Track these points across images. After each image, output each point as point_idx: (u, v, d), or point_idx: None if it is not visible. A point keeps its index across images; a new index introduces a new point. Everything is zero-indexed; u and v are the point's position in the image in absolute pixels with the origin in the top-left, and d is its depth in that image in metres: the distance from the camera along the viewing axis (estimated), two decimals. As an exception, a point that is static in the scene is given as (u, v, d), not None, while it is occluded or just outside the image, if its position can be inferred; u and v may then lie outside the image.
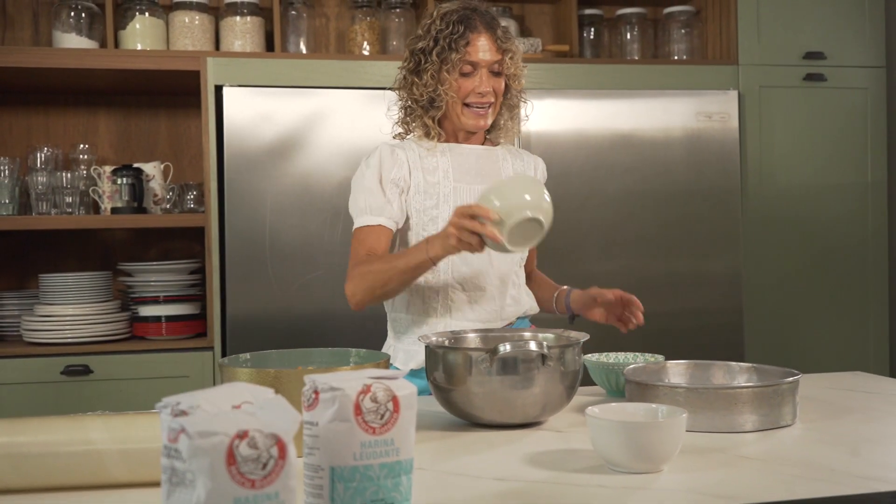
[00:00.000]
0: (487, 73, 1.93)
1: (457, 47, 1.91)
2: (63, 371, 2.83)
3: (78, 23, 3.07)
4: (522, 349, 1.56)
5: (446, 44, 1.92)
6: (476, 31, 1.92)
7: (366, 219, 1.93)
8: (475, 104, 1.94)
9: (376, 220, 1.92)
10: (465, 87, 1.93)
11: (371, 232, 1.92)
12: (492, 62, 1.93)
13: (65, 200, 3.02)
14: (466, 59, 1.92)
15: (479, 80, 1.93)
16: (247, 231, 2.91)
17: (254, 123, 2.92)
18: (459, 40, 1.91)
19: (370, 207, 1.93)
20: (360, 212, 1.95)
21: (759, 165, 3.31)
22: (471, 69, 1.93)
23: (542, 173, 2.13)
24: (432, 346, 1.63)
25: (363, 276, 1.84)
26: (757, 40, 3.33)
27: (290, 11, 3.24)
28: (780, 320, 3.33)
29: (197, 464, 0.82)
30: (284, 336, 2.91)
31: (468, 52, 1.91)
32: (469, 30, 1.92)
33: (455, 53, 1.91)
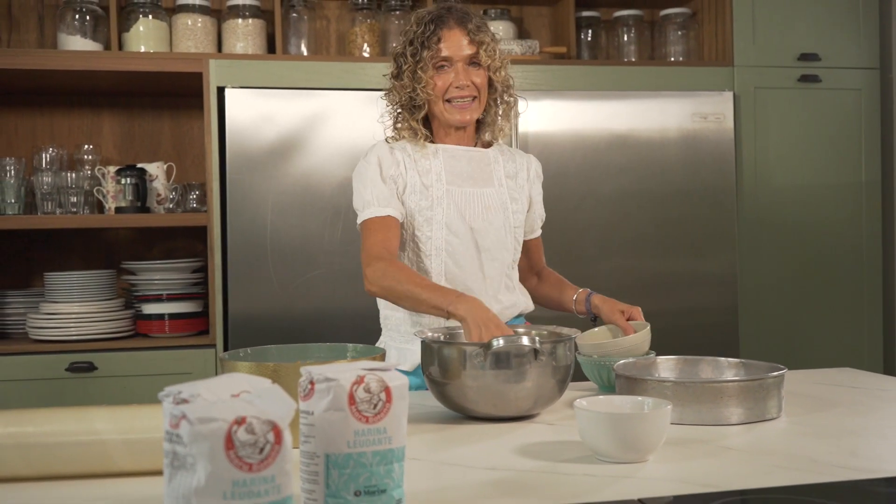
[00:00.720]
0: (464, 66, 1.98)
1: (429, 45, 1.96)
2: (68, 368, 2.87)
3: (82, 25, 3.12)
4: (515, 344, 1.61)
5: (419, 43, 1.98)
6: (447, 27, 1.97)
7: (374, 210, 1.96)
8: (456, 98, 1.98)
9: (385, 210, 1.95)
10: (442, 82, 1.98)
11: (381, 223, 1.95)
12: (466, 56, 1.97)
13: (69, 200, 3.07)
14: (439, 56, 1.97)
15: (455, 74, 1.97)
16: (248, 230, 2.96)
17: (255, 124, 2.97)
18: (431, 38, 1.97)
19: (377, 199, 1.96)
20: (366, 204, 1.97)
21: (754, 166, 3.35)
22: (446, 64, 1.97)
23: (535, 172, 2.16)
24: (428, 341, 1.68)
25: (385, 274, 1.85)
26: (752, 42, 3.37)
27: (291, 14, 3.29)
28: (775, 320, 3.37)
29: (197, 448, 0.86)
30: (285, 333, 2.95)
31: (440, 48, 1.97)
32: (440, 27, 1.97)
33: (427, 51, 1.96)
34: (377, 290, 1.88)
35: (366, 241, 1.94)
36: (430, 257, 1.98)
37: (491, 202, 2.03)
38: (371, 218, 1.96)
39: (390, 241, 1.93)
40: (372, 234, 1.94)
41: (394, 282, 1.84)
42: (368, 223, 1.96)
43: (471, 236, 1.99)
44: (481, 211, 2.01)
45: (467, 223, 1.99)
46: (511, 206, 2.05)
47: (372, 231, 1.94)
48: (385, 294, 1.87)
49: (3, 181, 3.02)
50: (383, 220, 1.95)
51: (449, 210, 1.99)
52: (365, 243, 1.94)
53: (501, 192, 2.05)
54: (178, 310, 3.05)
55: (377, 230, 1.93)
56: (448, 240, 1.98)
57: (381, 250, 1.90)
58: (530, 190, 2.13)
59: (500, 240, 2.01)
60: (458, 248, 1.98)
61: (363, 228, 1.97)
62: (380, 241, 1.92)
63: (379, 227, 1.94)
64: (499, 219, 2.02)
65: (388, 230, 1.94)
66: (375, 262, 1.88)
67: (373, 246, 1.91)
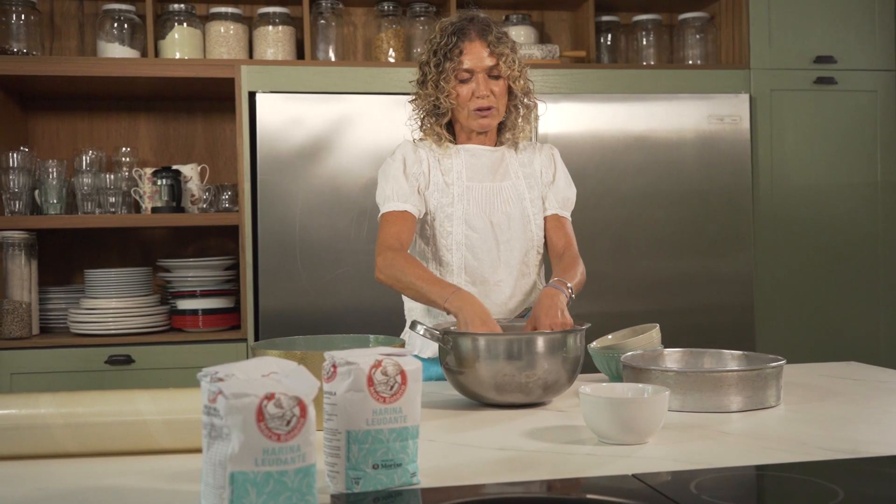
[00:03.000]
0: (484, 77, 2.08)
1: (451, 56, 2.07)
2: (107, 360, 3.01)
3: (121, 33, 3.26)
4: (527, 334, 1.71)
5: (442, 55, 2.08)
6: (468, 40, 2.07)
7: (392, 204, 2.08)
8: (478, 108, 2.08)
9: (402, 206, 2.07)
10: (464, 92, 2.08)
11: (398, 217, 2.06)
12: (486, 67, 2.07)
13: (108, 200, 3.21)
14: (461, 67, 2.07)
15: (476, 84, 2.07)
16: (278, 229, 3.08)
17: (285, 127, 3.09)
18: (453, 50, 2.07)
19: (396, 194, 2.08)
20: (386, 198, 2.09)
21: (770, 167, 3.42)
22: (468, 75, 2.08)
23: (546, 155, 2.22)
24: (445, 333, 1.78)
25: (393, 264, 1.97)
26: (768, 45, 3.44)
27: (319, 20, 3.41)
28: (791, 318, 3.43)
29: (232, 420, 0.98)
30: (313, 328, 3.06)
31: (462, 60, 2.07)
32: (461, 39, 2.07)
33: (450, 62, 2.07)
34: (384, 277, 2.00)
35: (381, 233, 2.06)
36: (451, 251, 2.09)
37: (509, 195, 2.13)
38: (389, 212, 2.07)
39: (404, 234, 2.04)
40: (388, 226, 2.06)
41: (399, 272, 1.96)
42: (386, 216, 2.08)
43: (490, 230, 2.09)
44: (500, 204, 2.12)
45: (487, 217, 2.10)
46: (528, 195, 2.15)
47: (388, 223, 2.06)
48: (391, 282, 1.99)
49: (46, 182, 3.16)
50: (400, 214, 2.06)
51: (469, 206, 2.09)
52: (380, 234, 2.06)
53: (518, 183, 2.15)
54: (211, 305, 3.18)
55: (393, 223, 2.05)
56: (467, 234, 2.09)
57: (394, 241, 2.02)
58: (544, 173, 2.20)
59: (518, 230, 2.11)
60: (477, 243, 2.09)
61: (381, 221, 2.09)
62: (394, 234, 2.03)
63: (395, 221, 2.05)
64: (516, 210, 2.12)
65: (403, 224, 2.05)
66: (386, 252, 2.00)
67: (387, 237, 2.03)
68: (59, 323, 3.26)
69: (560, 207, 2.19)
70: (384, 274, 1.99)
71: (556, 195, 2.20)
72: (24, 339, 3.04)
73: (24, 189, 3.15)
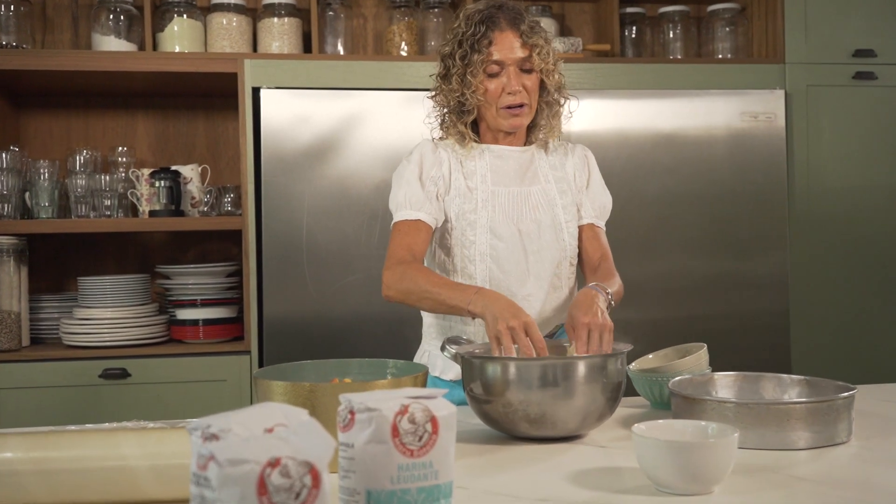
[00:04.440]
0: (516, 70, 1.88)
1: (479, 48, 1.86)
2: (101, 374, 2.83)
3: (116, 25, 3.07)
4: (563, 359, 1.52)
5: (469, 46, 1.87)
6: (498, 29, 1.87)
7: (405, 213, 1.89)
8: (508, 105, 1.88)
9: (416, 214, 1.88)
10: (494, 88, 1.88)
11: (410, 226, 1.88)
12: (518, 59, 1.87)
13: (103, 203, 3.02)
14: (490, 59, 1.86)
15: (506, 79, 1.87)
16: (284, 234, 2.89)
17: (291, 125, 2.90)
18: (482, 40, 1.86)
19: (409, 202, 1.89)
20: (399, 206, 1.91)
21: (807, 166, 3.22)
22: (497, 69, 1.87)
23: (580, 157, 2.02)
24: (468, 357, 1.59)
25: (403, 277, 1.79)
26: (804, 38, 3.24)
27: (327, 12, 3.21)
28: (829, 325, 3.24)
29: (227, 493, 0.78)
30: (321, 340, 2.89)
31: (491, 51, 1.86)
32: (491, 28, 1.87)
33: (477, 54, 1.86)
34: (394, 293, 1.81)
35: (391, 244, 1.88)
36: (475, 262, 1.90)
37: (538, 200, 1.93)
38: (401, 221, 1.89)
39: (416, 245, 1.85)
40: (398, 237, 1.87)
41: (411, 283, 1.77)
42: (398, 226, 1.89)
43: (518, 239, 1.90)
44: (528, 211, 1.92)
45: (514, 225, 1.90)
46: (560, 201, 1.95)
47: (400, 234, 1.87)
48: (403, 297, 1.80)
49: (37, 184, 2.97)
50: (413, 223, 1.87)
51: (494, 213, 1.90)
52: (390, 246, 1.88)
53: (548, 188, 1.96)
54: (213, 315, 2.99)
55: (405, 233, 1.86)
56: (492, 244, 1.89)
57: (404, 254, 1.83)
58: (577, 177, 2.01)
59: (549, 239, 1.92)
60: (503, 253, 1.89)
61: (392, 230, 1.91)
62: (405, 245, 1.84)
63: (407, 231, 1.87)
64: (547, 217, 1.92)
65: (416, 234, 1.86)
66: (395, 266, 1.82)
67: (396, 249, 1.85)
68: (52, 333, 3.07)
69: (596, 216, 1.99)
70: (393, 290, 1.80)
71: (592, 202, 2.00)
72: (13, 352, 2.85)
73: (14, 191, 2.95)
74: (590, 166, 2.03)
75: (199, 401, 2.88)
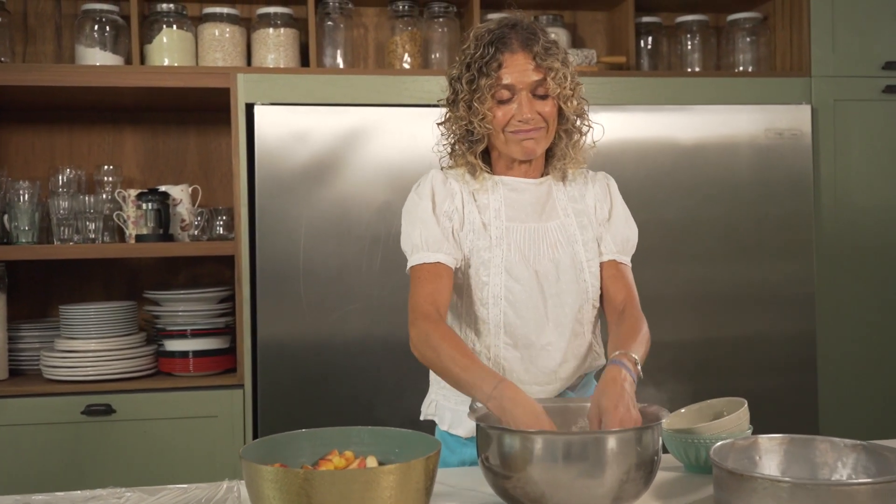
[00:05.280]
0: (528, 96, 1.69)
1: (487, 72, 1.67)
2: (84, 411, 2.64)
3: (102, 36, 2.89)
4: (593, 433, 1.34)
5: (476, 69, 1.68)
6: (509, 51, 1.68)
7: (423, 255, 1.71)
8: (520, 129, 1.69)
9: (434, 256, 1.70)
10: (503, 115, 1.69)
11: (430, 271, 1.69)
12: (531, 84, 1.68)
13: (87, 226, 2.84)
14: (500, 84, 1.67)
15: (517, 105, 1.68)
16: (279, 260, 2.71)
17: (287, 144, 2.72)
18: (490, 63, 1.67)
19: (427, 242, 1.71)
20: (415, 247, 1.72)
21: (834, 185, 3.04)
22: (508, 94, 1.68)
23: (601, 187, 1.84)
24: (484, 427, 1.40)
25: (428, 341, 1.61)
26: (831, 49, 3.06)
27: (326, 22, 3.03)
28: (857, 349, 3.06)
29: None
30: (319, 374, 2.71)
31: (500, 75, 1.67)
32: (501, 50, 1.68)
33: (485, 79, 1.67)
34: (419, 355, 1.65)
35: (413, 293, 1.69)
36: (487, 305, 1.71)
37: (556, 237, 1.75)
38: (419, 265, 1.70)
39: (440, 294, 1.67)
40: (420, 284, 1.68)
41: (433, 354, 1.60)
42: (417, 271, 1.70)
43: (535, 281, 1.71)
44: (546, 249, 1.73)
45: (531, 266, 1.71)
46: (580, 237, 1.76)
47: (420, 281, 1.68)
48: (426, 363, 1.65)
49: (17, 206, 2.79)
50: (433, 267, 1.69)
51: (509, 252, 1.71)
52: (412, 295, 1.69)
53: (568, 222, 1.77)
54: (204, 346, 2.81)
55: (426, 280, 1.68)
56: (508, 286, 1.70)
57: (429, 307, 1.65)
58: (598, 209, 1.82)
59: (569, 281, 1.73)
60: (520, 296, 1.70)
61: (411, 275, 1.72)
62: (428, 295, 1.66)
63: (428, 277, 1.68)
64: (566, 256, 1.74)
65: (437, 280, 1.68)
66: (421, 323, 1.64)
67: (420, 301, 1.66)
68: (33, 365, 2.88)
69: (619, 251, 1.80)
70: (419, 352, 1.64)
71: (615, 237, 1.80)
72: (-11, 387, 2.67)
73: (-8, 214, 2.78)
74: (612, 196, 1.84)
75: (189, 438, 2.70)
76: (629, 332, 1.66)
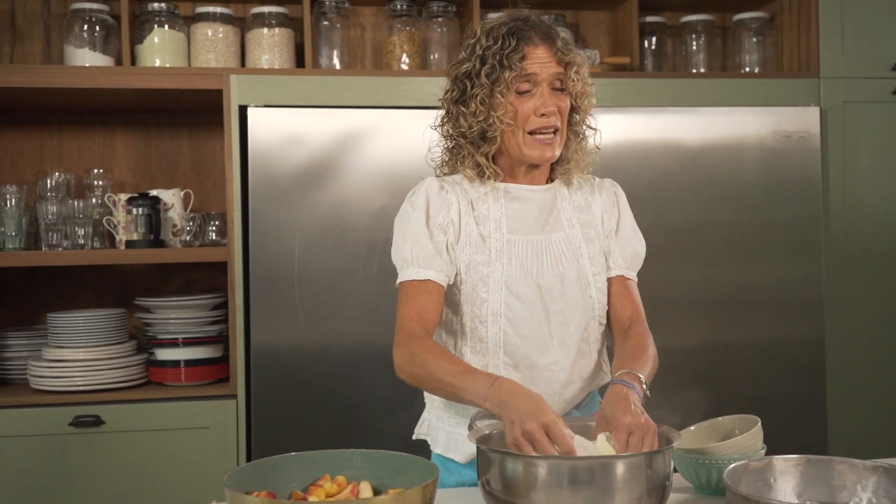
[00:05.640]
0: (549, 89, 1.62)
1: (510, 63, 1.59)
2: (72, 422, 2.57)
3: (91, 37, 2.81)
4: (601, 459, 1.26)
5: (497, 61, 1.60)
6: (531, 44, 1.61)
7: (412, 271, 1.63)
8: (540, 130, 1.62)
9: (425, 273, 1.62)
10: (524, 108, 1.61)
11: (419, 289, 1.62)
12: (553, 76, 1.61)
13: (76, 232, 2.76)
14: (523, 74, 1.60)
15: (539, 98, 1.61)
16: (273, 267, 2.63)
17: (282, 147, 2.64)
18: (513, 55, 1.59)
19: (417, 258, 1.63)
20: (405, 262, 1.64)
21: (843, 189, 2.96)
22: (529, 86, 1.61)
23: (608, 196, 1.76)
24: (486, 450, 1.33)
25: (413, 358, 1.54)
26: (840, 50, 2.98)
27: (322, 22, 2.95)
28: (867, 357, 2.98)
29: None
30: (314, 383, 2.64)
31: (524, 66, 1.60)
32: (523, 42, 1.60)
33: (509, 71, 1.59)
34: (406, 377, 1.57)
35: (400, 311, 1.61)
36: (486, 324, 1.63)
37: (561, 250, 1.66)
38: (408, 282, 1.62)
39: (428, 313, 1.59)
40: (408, 302, 1.61)
41: (420, 369, 1.52)
42: (405, 288, 1.63)
43: (538, 297, 1.63)
44: (550, 263, 1.65)
45: (534, 281, 1.63)
46: (586, 251, 1.68)
47: (408, 299, 1.61)
48: (416, 382, 1.56)
49: (4, 211, 2.71)
50: (422, 285, 1.61)
51: (510, 266, 1.63)
52: (398, 315, 1.61)
53: (573, 234, 1.69)
54: (196, 356, 2.74)
55: (414, 298, 1.60)
56: (508, 303, 1.62)
57: (415, 326, 1.57)
58: (605, 220, 1.74)
59: (574, 297, 1.65)
60: (521, 314, 1.62)
61: (399, 292, 1.64)
62: (415, 314, 1.58)
63: (416, 295, 1.61)
64: (572, 270, 1.66)
65: (425, 298, 1.60)
66: (405, 343, 1.56)
67: (406, 319, 1.59)
68: (20, 374, 2.80)
69: (626, 267, 1.72)
70: (404, 373, 1.56)
71: (623, 251, 1.73)
72: (-25, 397, 2.59)
73: (-22, 219, 2.70)
74: (620, 206, 1.76)
75: (181, 451, 2.62)
76: (635, 351, 1.58)
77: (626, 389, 1.45)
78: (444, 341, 1.68)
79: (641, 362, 1.55)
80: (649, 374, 1.54)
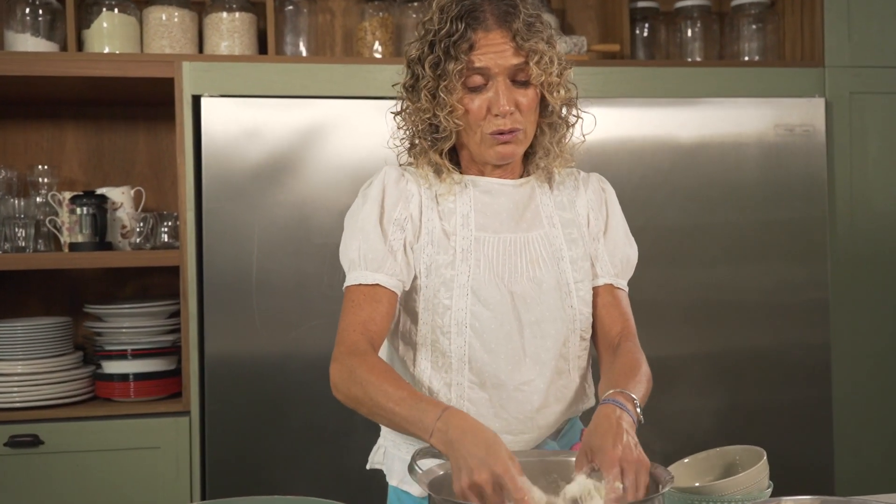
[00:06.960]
0: (506, 83, 1.39)
1: (456, 54, 1.37)
2: (7, 443, 2.35)
3: (35, 21, 2.59)
4: None
5: (443, 50, 1.38)
6: (482, 28, 1.38)
7: (360, 275, 1.42)
8: (496, 132, 1.40)
9: (373, 277, 1.41)
10: (476, 107, 1.39)
11: (366, 295, 1.41)
12: (509, 68, 1.38)
13: (16, 234, 2.53)
14: (472, 68, 1.37)
15: (493, 94, 1.38)
16: (230, 270, 2.42)
17: (238, 141, 2.43)
18: (459, 44, 1.37)
19: (365, 259, 1.42)
20: (352, 264, 1.44)
21: (850, 185, 2.78)
22: (481, 80, 1.39)
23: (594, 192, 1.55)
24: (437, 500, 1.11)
25: (352, 377, 1.33)
26: (847, 38, 2.79)
27: (286, 6, 2.73)
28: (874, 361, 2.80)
29: None
30: (274, 399, 2.44)
31: (472, 58, 1.37)
32: (472, 27, 1.37)
33: (454, 62, 1.37)
34: (342, 398, 1.36)
35: (342, 321, 1.41)
36: (449, 335, 1.41)
37: (539, 252, 1.45)
38: (354, 286, 1.41)
39: (375, 324, 1.38)
40: (352, 310, 1.39)
41: (360, 391, 1.31)
42: (350, 293, 1.42)
43: (510, 305, 1.41)
44: (525, 267, 1.43)
45: (505, 286, 1.41)
46: (568, 254, 1.46)
47: (353, 306, 1.40)
48: (353, 405, 1.34)
49: (-64, 211, 2.49)
50: (370, 290, 1.40)
51: (477, 269, 1.41)
52: (341, 323, 1.41)
53: (553, 234, 1.47)
54: (146, 368, 2.52)
55: (360, 306, 1.39)
56: (475, 311, 1.40)
57: (358, 339, 1.36)
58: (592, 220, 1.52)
59: (552, 306, 1.43)
60: (490, 324, 1.40)
61: (344, 297, 1.43)
62: (359, 325, 1.37)
63: (362, 302, 1.40)
64: (551, 275, 1.44)
65: (372, 307, 1.39)
66: (345, 358, 1.35)
67: (349, 330, 1.38)
68: (-44, 388, 2.57)
69: (616, 274, 1.50)
70: (341, 393, 1.34)
71: (612, 256, 1.51)
72: None
73: None
74: (608, 204, 1.54)
75: (128, 473, 2.41)
76: (626, 370, 1.36)
77: (619, 412, 1.23)
78: (401, 354, 1.47)
79: (634, 382, 1.33)
80: (643, 397, 1.32)
